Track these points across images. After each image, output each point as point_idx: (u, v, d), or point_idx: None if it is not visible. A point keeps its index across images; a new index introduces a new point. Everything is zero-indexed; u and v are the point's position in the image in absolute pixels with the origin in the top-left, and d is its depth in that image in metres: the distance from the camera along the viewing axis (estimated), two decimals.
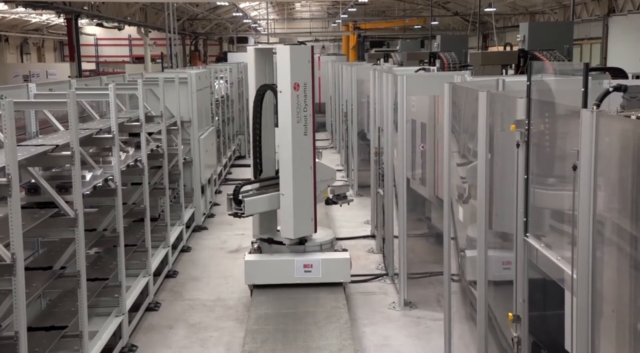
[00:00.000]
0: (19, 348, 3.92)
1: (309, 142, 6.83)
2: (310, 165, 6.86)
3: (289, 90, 6.65)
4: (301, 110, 6.71)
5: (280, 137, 6.88)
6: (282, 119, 6.75)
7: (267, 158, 7.29)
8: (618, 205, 2.60)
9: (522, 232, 3.53)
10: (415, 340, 6.33)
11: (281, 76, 6.72)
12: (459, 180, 5.13)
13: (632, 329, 2.49)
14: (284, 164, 6.84)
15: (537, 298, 3.64)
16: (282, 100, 6.70)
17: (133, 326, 6.55)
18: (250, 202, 6.86)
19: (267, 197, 7.00)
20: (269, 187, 7.09)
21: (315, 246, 7.06)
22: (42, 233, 5.37)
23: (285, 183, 6.86)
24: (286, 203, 6.88)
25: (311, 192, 6.91)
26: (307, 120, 6.77)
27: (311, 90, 6.79)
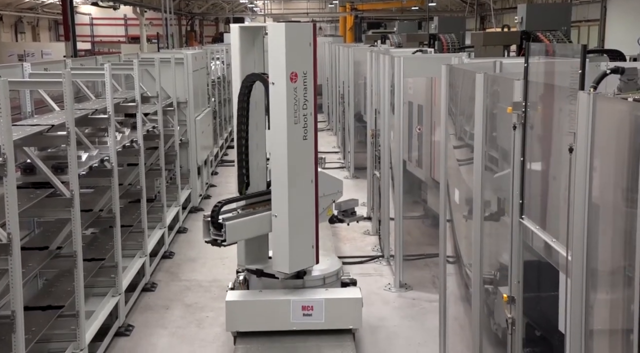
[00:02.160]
0: (16, 327, 3.94)
1: (309, 148, 5.10)
2: (311, 177, 5.16)
3: (284, 81, 4.93)
4: (300, 107, 4.99)
5: (272, 142, 5.11)
6: (274, 118, 5.03)
7: (256, 168, 5.49)
8: (613, 188, 2.61)
9: (517, 214, 3.54)
10: (410, 321, 6.37)
11: (274, 63, 5.00)
12: (455, 162, 5.13)
13: (625, 311, 2.51)
14: (277, 177, 5.10)
15: (532, 279, 3.66)
16: (275, 95, 4.99)
17: (129, 306, 6.57)
18: (233, 227, 5.07)
19: (256, 219, 5.25)
20: (258, 205, 5.41)
21: (317, 280, 5.45)
22: (38, 213, 5.38)
23: (278, 201, 5.13)
24: (280, 228, 5.14)
25: (312, 213, 5.21)
26: (307, 121, 5.05)
27: (313, 82, 5.07)
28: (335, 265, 5.57)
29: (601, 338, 2.65)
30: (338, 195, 5.67)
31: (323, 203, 5.43)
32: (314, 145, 5.17)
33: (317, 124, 5.14)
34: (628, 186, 2.46)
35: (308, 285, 5.40)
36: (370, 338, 6.01)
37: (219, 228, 5.01)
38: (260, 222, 5.28)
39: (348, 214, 5.74)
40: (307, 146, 5.14)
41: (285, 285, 5.36)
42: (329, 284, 5.44)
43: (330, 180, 5.63)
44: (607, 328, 2.65)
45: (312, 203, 5.20)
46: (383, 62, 7.74)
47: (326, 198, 5.51)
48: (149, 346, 5.94)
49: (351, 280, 5.57)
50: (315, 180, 5.18)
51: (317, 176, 5.20)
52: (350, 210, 5.77)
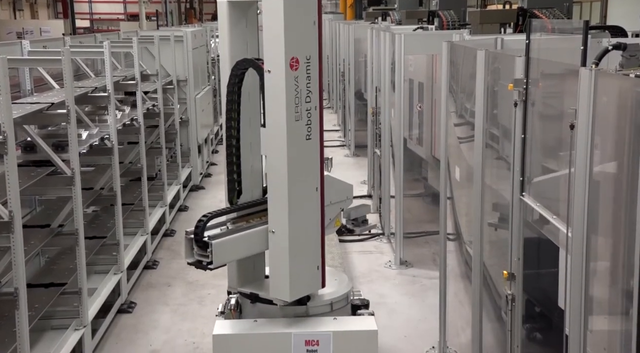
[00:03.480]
0: (19, 304, 3.97)
1: (313, 150, 4.12)
2: (315, 185, 4.18)
3: (283, 69, 3.93)
4: (302, 100, 4.01)
5: (268, 143, 4.12)
6: (271, 114, 4.06)
7: (249, 172, 4.47)
8: (614, 164, 2.61)
9: (518, 191, 3.54)
10: (410, 297, 6.41)
11: (270, 47, 4.00)
12: (456, 140, 5.12)
13: (624, 287, 2.53)
14: (274, 187, 4.11)
15: (532, 256, 3.68)
16: (272, 86, 4.01)
17: (132, 283, 6.62)
18: (221, 246, 4.10)
19: (249, 236, 4.26)
20: (252, 216, 4.43)
21: (323, 306, 4.45)
22: (39, 191, 5.39)
23: (276, 215, 4.13)
24: (278, 247, 4.15)
25: (317, 227, 4.23)
26: (311, 117, 4.06)
27: (318, 69, 4.07)
28: (345, 286, 4.57)
29: (601, 314, 2.67)
30: (347, 203, 4.63)
31: (330, 213, 4.43)
32: (320, 146, 4.12)
33: (322, 120, 4.12)
34: (629, 163, 2.46)
35: (313, 312, 4.39)
36: None
37: (205, 248, 4.00)
38: (254, 239, 4.24)
39: (359, 223, 4.77)
40: (310, 147, 4.07)
41: (285, 313, 4.34)
42: (337, 311, 4.46)
43: (338, 186, 4.59)
44: (606, 304, 2.66)
45: (317, 216, 4.17)
46: (384, 39, 7.69)
47: (334, 207, 4.50)
48: (151, 323, 5.99)
49: (363, 302, 4.57)
50: (320, 188, 4.16)
51: (322, 183, 4.16)
52: (361, 218, 4.80)
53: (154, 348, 5.56)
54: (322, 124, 4.18)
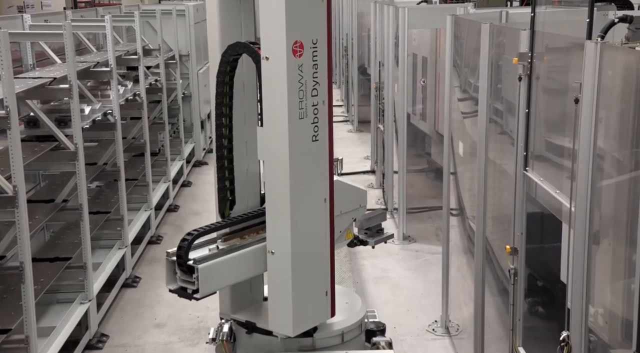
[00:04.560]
0: (25, 278, 4.00)
1: (321, 153, 3.36)
2: (323, 195, 3.41)
3: (284, 55, 3.15)
4: (307, 93, 3.25)
5: (267, 145, 3.34)
6: (270, 111, 3.27)
7: (244, 177, 3.66)
8: (619, 139, 2.60)
9: (521, 166, 3.53)
10: (413, 272, 6.45)
11: (269, 28, 3.19)
12: (460, 115, 5.11)
13: (627, 262, 2.53)
14: (274, 199, 3.35)
15: (535, 231, 3.69)
16: (271, 76, 3.22)
17: (136, 258, 6.66)
18: (209, 272, 3.30)
19: (243, 258, 3.46)
20: (247, 232, 3.60)
21: (333, 337, 3.63)
22: (43, 166, 5.40)
23: (276, 233, 3.36)
24: (278, 270, 3.38)
25: (325, 245, 3.47)
26: (318, 113, 3.30)
27: (326, 56, 3.29)
28: (358, 311, 3.75)
29: (603, 287, 2.68)
30: (360, 211, 3.89)
31: (340, 225, 3.71)
32: (329, 149, 3.36)
33: (332, 116, 3.39)
34: (633, 137, 2.45)
35: (320, 345, 3.63)
36: (374, 290, 6.09)
37: (190, 272, 3.25)
38: (249, 261, 3.47)
39: (373, 233, 3.99)
40: (317, 151, 3.30)
41: (288, 346, 3.59)
42: (350, 341, 3.69)
43: (350, 192, 3.82)
44: (608, 278, 2.67)
45: (325, 233, 3.43)
46: (387, 13, 7.62)
47: (344, 217, 3.76)
48: (156, 297, 6.04)
49: (378, 327, 3.83)
50: (329, 198, 3.40)
51: (332, 192, 3.41)
52: (375, 227, 4.03)
53: (159, 322, 5.61)
54: (331, 122, 3.39)
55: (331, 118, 3.42)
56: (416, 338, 5.29)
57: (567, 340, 2.63)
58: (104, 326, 5.50)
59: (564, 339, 2.64)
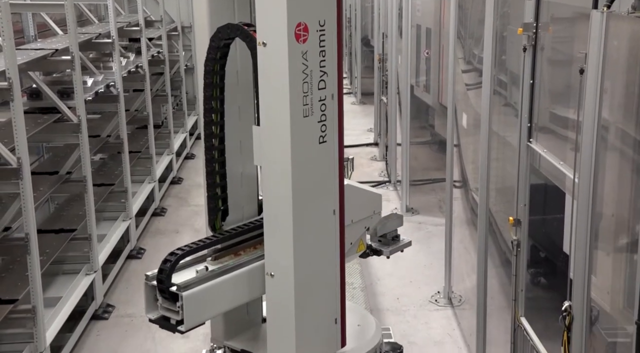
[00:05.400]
0: (31, 249, 4.03)
1: (330, 157, 2.84)
2: (332, 207, 2.89)
3: (284, 40, 2.62)
4: (313, 86, 2.72)
5: (265, 148, 2.80)
6: (268, 107, 2.75)
7: (238, 182, 3.14)
8: (624, 109, 2.59)
9: (525, 137, 3.53)
10: (416, 244, 6.42)
11: (266, 7, 2.65)
12: (463, 86, 5.08)
13: (630, 232, 2.54)
14: (273, 212, 2.83)
15: (538, 203, 3.69)
16: (269, 65, 2.69)
17: (140, 230, 6.70)
18: (195, 300, 2.78)
19: (236, 281, 2.92)
20: (241, 247, 3.06)
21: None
22: (46, 138, 5.41)
23: (276, 252, 2.85)
24: (279, 295, 2.88)
25: (334, 265, 2.95)
26: (326, 110, 2.78)
27: (336, 40, 2.78)
28: (372, 335, 3.24)
29: (605, 258, 2.69)
30: (375, 218, 3.36)
31: (351, 236, 3.18)
32: (339, 151, 2.84)
33: (342, 113, 2.83)
34: (638, 108, 2.44)
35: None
36: (377, 262, 6.13)
37: (173, 300, 2.73)
38: (245, 284, 2.93)
39: (388, 240, 3.52)
40: (325, 154, 2.79)
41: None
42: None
43: (362, 198, 3.27)
44: (611, 248, 2.69)
45: (333, 250, 2.92)
46: None
47: (356, 227, 3.23)
48: None
49: (394, 349, 3.42)
50: (339, 210, 2.90)
51: (342, 202, 2.91)
52: (391, 233, 3.53)
53: None
54: (341, 120, 2.84)
55: (341, 115, 2.84)
56: (419, 309, 5.34)
57: (569, 310, 2.65)
58: (110, 297, 5.55)
59: (566, 309, 2.66)
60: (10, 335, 4.11)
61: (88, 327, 5.07)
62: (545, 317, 3.49)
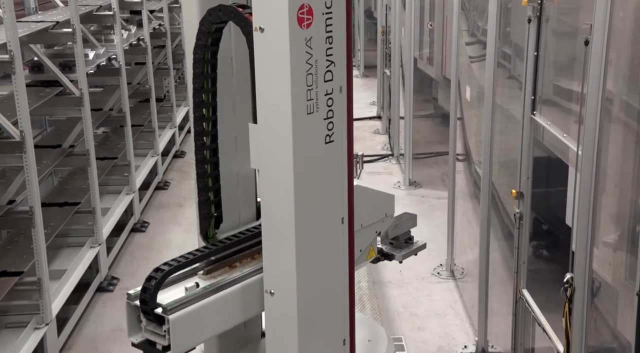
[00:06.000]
0: (35, 222, 4.05)
1: (337, 159, 2.50)
2: (340, 214, 2.56)
3: (285, 24, 2.24)
4: (318, 78, 2.36)
5: (263, 149, 2.44)
6: (266, 102, 2.38)
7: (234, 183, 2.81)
8: (628, 81, 2.57)
9: (529, 110, 3.51)
10: (419, 217, 6.44)
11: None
12: (467, 59, 5.05)
13: (633, 204, 2.55)
14: (272, 222, 2.47)
15: (541, 175, 3.69)
16: (267, 54, 2.32)
17: (144, 204, 6.72)
18: (183, 323, 2.41)
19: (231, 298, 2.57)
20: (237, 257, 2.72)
21: None
22: (49, 111, 5.41)
23: (276, 268, 2.50)
24: (279, 316, 2.54)
25: (343, 279, 2.63)
26: (333, 105, 2.44)
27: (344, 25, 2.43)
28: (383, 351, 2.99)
29: (608, 230, 2.70)
30: (386, 222, 3.07)
31: (361, 242, 2.88)
32: (348, 152, 2.53)
33: (352, 108, 2.55)
34: None
35: None
36: None
37: (159, 322, 2.40)
38: (241, 302, 2.60)
39: (400, 243, 3.25)
40: (332, 155, 2.47)
41: None
42: None
43: (373, 200, 2.96)
44: (614, 221, 2.69)
45: (341, 264, 2.60)
46: None
47: (367, 232, 2.94)
48: (164, 242, 6.12)
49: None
50: (348, 217, 2.58)
51: (352, 209, 2.59)
52: (403, 235, 3.27)
53: None
54: (351, 115, 2.52)
55: (351, 111, 2.52)
56: (421, 281, 5.37)
57: (570, 281, 2.67)
58: (114, 269, 5.59)
59: (567, 281, 2.67)
60: (17, 307, 4.15)
61: (93, 299, 5.12)
62: (546, 289, 3.51)
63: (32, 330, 4.05)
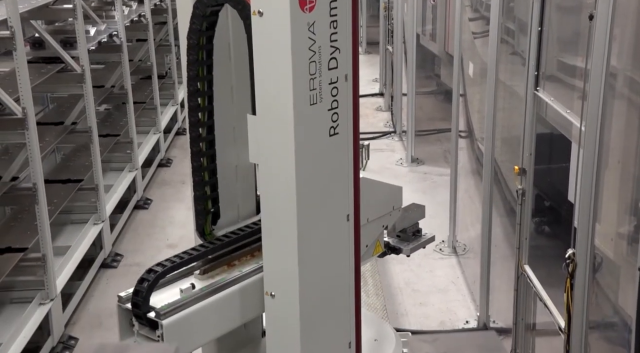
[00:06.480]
0: (38, 199, 4.06)
1: (342, 152, 2.34)
2: (346, 211, 2.40)
3: (286, 7, 2.07)
4: (322, 65, 2.19)
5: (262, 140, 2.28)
6: (265, 92, 2.21)
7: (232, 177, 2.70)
8: (632, 57, 2.56)
9: (532, 86, 3.50)
10: (421, 194, 6.50)
11: None
12: (470, 35, 5.02)
13: (635, 180, 2.54)
14: (274, 218, 2.32)
15: (543, 152, 3.69)
16: (267, 40, 2.15)
17: (147, 181, 6.74)
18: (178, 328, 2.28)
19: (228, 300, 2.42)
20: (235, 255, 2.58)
21: None
22: (51, 88, 5.40)
23: (277, 267, 2.35)
24: (280, 318, 2.40)
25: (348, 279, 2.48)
26: (338, 94, 2.25)
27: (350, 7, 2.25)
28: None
29: (610, 205, 2.71)
30: (394, 215, 2.93)
31: (367, 237, 2.75)
32: (354, 144, 2.37)
33: (358, 97, 2.35)
34: None
35: None
36: None
37: (152, 327, 2.28)
38: (239, 305, 2.46)
39: (408, 236, 3.07)
40: (337, 149, 2.32)
41: None
42: None
43: (380, 193, 2.83)
44: (616, 195, 2.69)
45: (347, 263, 2.46)
46: None
47: (373, 226, 2.80)
48: (167, 218, 6.14)
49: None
50: (354, 214, 2.43)
51: (358, 204, 2.44)
52: (411, 228, 3.09)
53: (171, 243, 5.73)
54: (357, 105, 2.34)
55: (357, 100, 2.32)
56: (423, 257, 5.39)
57: (572, 257, 2.68)
58: (118, 246, 5.62)
59: (569, 256, 2.68)
60: (22, 283, 4.18)
61: (97, 275, 5.16)
62: (548, 265, 3.53)
63: (37, 305, 4.08)
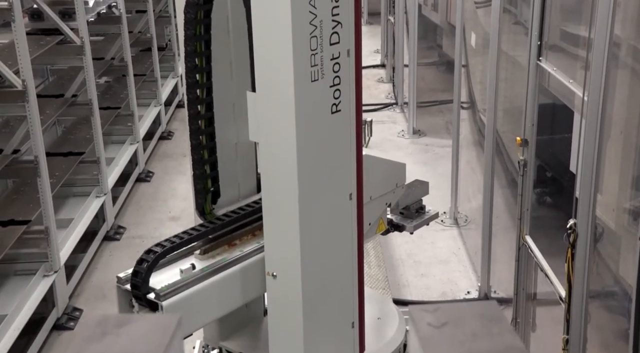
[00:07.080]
0: (40, 172, 4.07)
1: (344, 129, 2.27)
2: (348, 190, 2.34)
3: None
4: (323, 41, 2.10)
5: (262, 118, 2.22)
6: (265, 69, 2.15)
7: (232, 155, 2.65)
8: (636, 26, 2.53)
9: (535, 56, 3.47)
10: (423, 166, 6.50)
11: None
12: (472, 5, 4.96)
13: (637, 150, 2.54)
14: (274, 197, 2.28)
15: (545, 122, 3.68)
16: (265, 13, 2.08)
17: (148, 154, 6.74)
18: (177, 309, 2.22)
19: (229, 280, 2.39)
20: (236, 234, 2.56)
21: None
22: (50, 61, 5.36)
23: (279, 247, 2.31)
24: (283, 300, 2.37)
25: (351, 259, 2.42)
26: (340, 70, 2.18)
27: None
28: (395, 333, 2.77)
29: (611, 176, 2.70)
30: (397, 193, 2.87)
31: (370, 215, 2.67)
32: (357, 122, 2.30)
33: (361, 73, 2.28)
34: None
35: None
36: None
37: (152, 308, 2.25)
38: (240, 285, 2.43)
39: (411, 213, 3.06)
40: (339, 126, 2.25)
41: None
42: None
43: (383, 170, 2.77)
44: (618, 166, 2.69)
45: (349, 242, 2.40)
46: None
47: (376, 204, 2.73)
48: (169, 191, 6.16)
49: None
50: (357, 192, 2.37)
51: (360, 182, 2.38)
52: (415, 205, 3.07)
53: (174, 215, 5.75)
54: (359, 81, 2.26)
55: (359, 76, 2.25)
56: (425, 229, 5.35)
57: (573, 227, 2.68)
58: (121, 219, 5.65)
59: (570, 227, 2.69)
60: (26, 255, 4.21)
61: (100, 247, 5.19)
62: (549, 235, 3.54)
63: (42, 277, 4.11)
